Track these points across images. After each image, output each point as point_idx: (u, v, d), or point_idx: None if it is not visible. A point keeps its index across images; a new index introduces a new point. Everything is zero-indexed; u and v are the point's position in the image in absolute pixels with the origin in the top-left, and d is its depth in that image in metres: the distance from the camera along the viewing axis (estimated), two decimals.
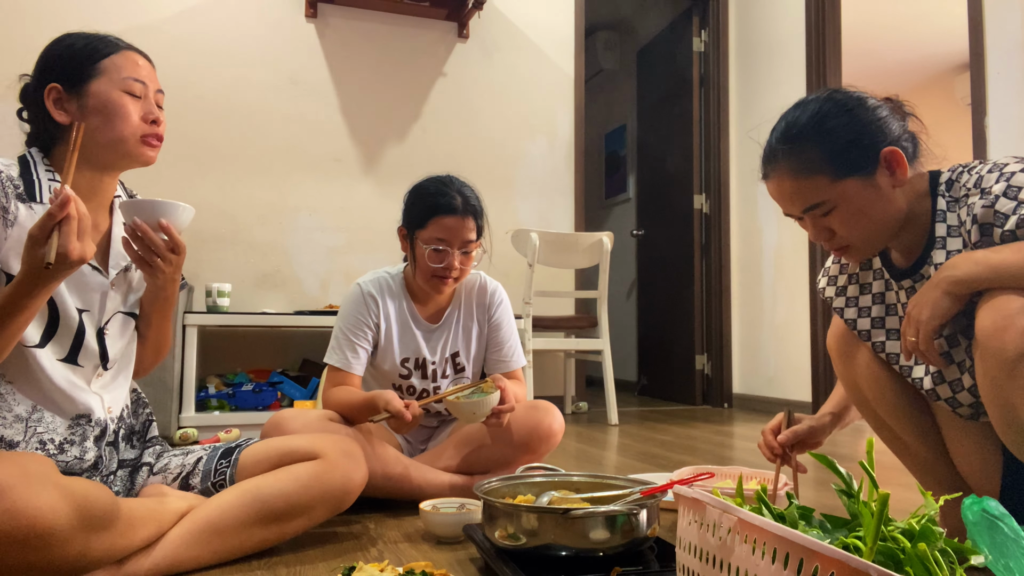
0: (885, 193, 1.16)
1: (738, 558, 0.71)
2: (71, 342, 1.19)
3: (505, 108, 3.90)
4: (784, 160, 1.20)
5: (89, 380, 1.22)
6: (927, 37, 5.71)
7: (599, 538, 1.07)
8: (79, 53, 1.23)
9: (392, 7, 3.63)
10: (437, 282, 1.67)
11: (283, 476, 1.26)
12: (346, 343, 1.71)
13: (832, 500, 1.78)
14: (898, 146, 1.16)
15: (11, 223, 1.13)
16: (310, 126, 3.53)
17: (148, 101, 1.24)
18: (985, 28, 2.97)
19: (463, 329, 1.82)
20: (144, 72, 1.24)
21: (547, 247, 3.36)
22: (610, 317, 3.64)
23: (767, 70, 4.16)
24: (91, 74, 1.21)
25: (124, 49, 1.25)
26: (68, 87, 1.21)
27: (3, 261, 1.12)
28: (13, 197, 1.14)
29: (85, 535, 0.98)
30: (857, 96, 1.19)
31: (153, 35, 3.26)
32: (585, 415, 3.78)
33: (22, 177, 1.17)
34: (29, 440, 1.14)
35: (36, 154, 1.22)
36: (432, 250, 1.64)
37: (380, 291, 1.75)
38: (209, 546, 1.17)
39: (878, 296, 1.30)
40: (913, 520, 0.71)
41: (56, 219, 0.96)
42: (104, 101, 1.19)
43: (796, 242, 3.87)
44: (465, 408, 1.54)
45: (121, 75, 1.21)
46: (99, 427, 1.22)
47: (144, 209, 1.16)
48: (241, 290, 3.33)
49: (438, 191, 1.66)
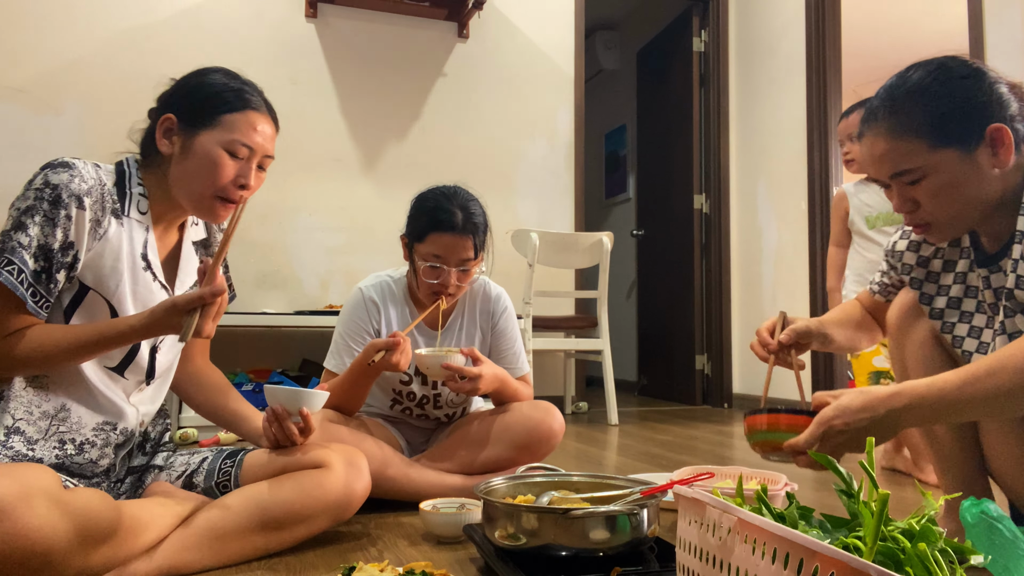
0: (982, 172, 1.08)
1: (738, 558, 0.71)
2: (123, 355, 1.20)
3: (505, 108, 3.90)
4: (884, 119, 1.12)
5: (129, 393, 1.23)
6: (927, 37, 5.70)
7: (599, 538, 1.07)
8: (209, 97, 1.23)
9: (392, 7, 3.63)
10: (434, 298, 1.65)
11: (286, 484, 1.26)
12: (345, 348, 1.71)
13: (832, 500, 1.78)
14: (1008, 126, 1.06)
15: (100, 236, 1.15)
16: (310, 126, 3.53)
17: (247, 164, 1.23)
18: (985, 28, 2.97)
19: (466, 336, 1.80)
20: (257, 139, 1.23)
21: (547, 247, 3.36)
22: (610, 317, 3.64)
23: (767, 70, 4.16)
24: (208, 123, 1.21)
25: (251, 109, 1.24)
26: (183, 124, 1.22)
27: (80, 271, 1.14)
28: (109, 212, 1.16)
29: (85, 551, 0.97)
30: (976, 67, 1.11)
31: (153, 35, 3.26)
32: (585, 415, 3.78)
33: (116, 187, 1.19)
34: (49, 438, 1.14)
35: (132, 164, 1.24)
36: (428, 266, 1.61)
37: (382, 296, 1.74)
38: (210, 551, 1.17)
39: (960, 276, 1.22)
40: (913, 520, 0.71)
41: (204, 302, 1.04)
42: (204, 153, 1.20)
43: (796, 242, 3.87)
44: (426, 359, 1.57)
45: (232, 135, 1.21)
46: (124, 436, 1.22)
47: (289, 399, 1.30)
48: (241, 290, 3.33)
49: (438, 205, 1.62)
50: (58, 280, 1.11)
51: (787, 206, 3.95)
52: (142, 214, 1.21)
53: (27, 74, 3.09)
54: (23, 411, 1.12)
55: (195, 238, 1.35)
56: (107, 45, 3.17)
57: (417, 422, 1.85)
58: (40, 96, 3.09)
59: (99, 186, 1.15)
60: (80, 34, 3.13)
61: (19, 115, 3.06)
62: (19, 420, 1.12)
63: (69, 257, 1.11)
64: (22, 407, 1.12)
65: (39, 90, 3.09)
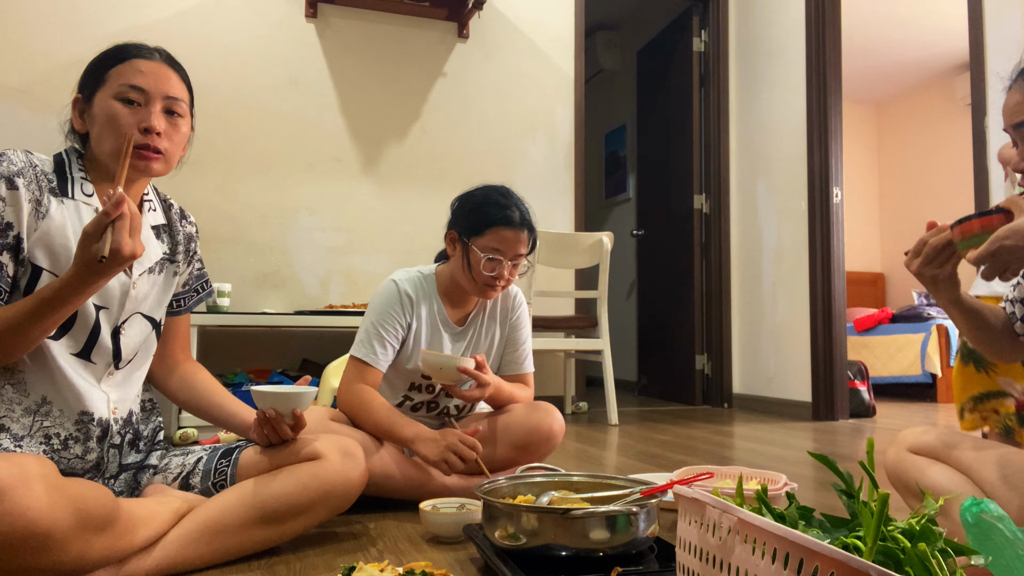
0: None
1: (738, 558, 0.71)
2: (86, 338, 1.19)
3: (505, 108, 3.90)
4: None
5: (100, 378, 1.22)
6: (927, 37, 5.71)
7: (599, 538, 1.07)
8: (98, 63, 1.24)
9: (392, 7, 3.63)
10: (487, 289, 1.72)
11: (282, 477, 1.26)
12: (376, 337, 1.71)
13: (832, 500, 1.78)
14: None
15: (43, 215, 1.14)
16: (310, 126, 3.53)
17: (146, 109, 1.20)
18: (985, 28, 2.97)
19: (486, 332, 1.85)
20: (145, 79, 1.21)
21: (547, 247, 3.36)
22: (610, 317, 3.64)
23: (767, 70, 4.16)
24: (99, 84, 1.22)
25: (134, 57, 1.23)
26: (85, 97, 1.23)
27: (30, 252, 1.13)
28: (47, 191, 1.16)
29: (84, 536, 0.98)
30: None
31: (153, 35, 3.25)
32: (585, 415, 3.78)
33: (56, 172, 1.20)
34: (35, 434, 1.14)
35: (71, 153, 1.24)
36: (487, 259, 1.68)
37: (416, 292, 1.77)
38: (209, 546, 1.17)
39: None
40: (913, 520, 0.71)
41: (110, 217, 1.01)
42: (102, 111, 1.20)
43: (796, 242, 3.87)
44: (433, 361, 1.63)
45: (118, 83, 1.20)
46: (101, 427, 1.21)
47: (280, 401, 1.27)
48: (241, 290, 3.33)
49: (499, 203, 1.71)
50: (2, 263, 1.10)
51: (787, 206, 3.95)
52: (88, 196, 1.21)
53: (27, 74, 3.09)
54: (5, 408, 1.13)
55: (154, 222, 1.33)
56: (107, 45, 3.15)
57: (424, 418, 1.85)
58: (40, 96, 3.09)
59: (30, 168, 1.15)
60: (80, 34, 3.13)
61: (19, 115, 3.07)
62: (3, 417, 1.12)
63: (9, 238, 1.11)
64: (4, 405, 1.13)
65: (39, 90, 3.09)
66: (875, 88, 6.76)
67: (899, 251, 6.85)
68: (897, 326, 5.14)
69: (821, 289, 3.71)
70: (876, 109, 7.16)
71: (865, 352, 5.11)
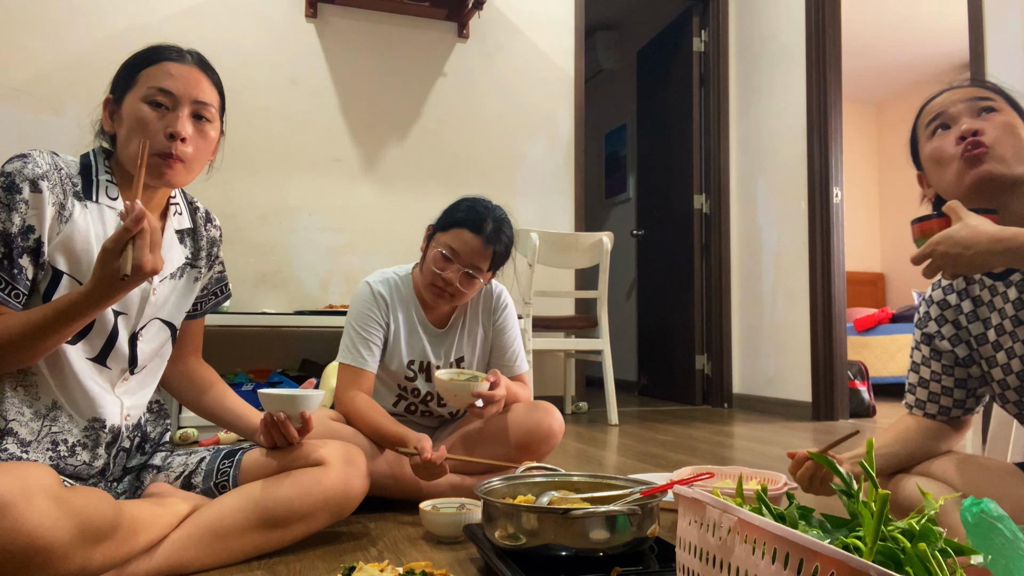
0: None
1: (738, 558, 0.71)
2: (103, 343, 1.19)
3: (505, 108, 3.90)
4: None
5: (114, 383, 1.22)
6: (927, 37, 5.71)
7: (599, 538, 1.07)
8: (130, 64, 1.22)
9: (392, 7, 3.62)
10: (432, 289, 1.68)
11: (285, 482, 1.26)
12: (359, 340, 1.71)
13: (832, 500, 1.78)
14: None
15: (66, 219, 1.13)
16: (310, 126, 3.53)
17: (174, 113, 1.19)
18: (985, 28, 2.97)
19: (468, 334, 1.83)
20: (174, 83, 1.19)
21: (547, 247, 3.36)
22: (610, 317, 3.64)
23: (767, 70, 4.16)
24: (130, 85, 1.20)
25: (165, 60, 1.21)
26: (116, 98, 1.22)
27: (51, 256, 1.12)
28: (71, 194, 1.15)
29: (86, 548, 0.97)
30: None
31: (153, 35, 3.25)
32: (585, 415, 3.78)
33: (81, 175, 1.18)
34: (42, 440, 1.13)
35: (100, 154, 1.23)
36: (440, 253, 1.65)
37: (390, 292, 1.76)
38: (210, 549, 1.17)
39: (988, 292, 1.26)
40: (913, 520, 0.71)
41: (131, 233, 0.99)
42: (130, 113, 1.18)
43: (796, 242, 3.87)
44: (447, 388, 1.60)
45: (147, 85, 1.19)
46: (112, 434, 1.21)
47: (289, 404, 1.29)
48: (241, 290, 3.33)
49: (477, 209, 1.68)
50: (22, 266, 1.09)
51: (787, 206, 3.95)
52: (113, 199, 1.20)
53: (27, 74, 3.09)
54: (14, 412, 1.12)
55: (179, 227, 1.33)
56: (107, 45, 3.17)
57: (421, 420, 1.85)
58: (40, 96, 3.09)
59: (55, 171, 1.13)
60: (80, 34, 3.13)
61: (19, 115, 3.06)
62: (11, 421, 1.11)
63: (31, 241, 1.09)
64: (13, 408, 1.12)
65: (39, 90, 3.09)
66: (875, 88, 6.76)
67: (899, 251, 6.86)
68: (897, 326, 5.14)
69: (821, 289, 3.71)
70: (876, 109, 7.16)
71: (865, 352, 5.10)
